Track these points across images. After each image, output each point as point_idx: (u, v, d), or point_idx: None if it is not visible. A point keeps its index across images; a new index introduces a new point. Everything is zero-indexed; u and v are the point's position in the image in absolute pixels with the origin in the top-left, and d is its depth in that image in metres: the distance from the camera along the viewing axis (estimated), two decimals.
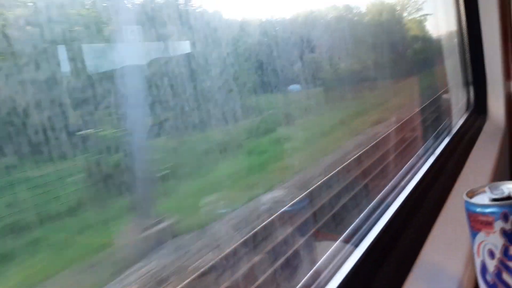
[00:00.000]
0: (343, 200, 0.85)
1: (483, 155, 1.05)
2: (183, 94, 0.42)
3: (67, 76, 0.36)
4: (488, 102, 1.40)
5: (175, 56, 0.43)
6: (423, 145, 1.09)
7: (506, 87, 1.44)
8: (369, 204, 0.74)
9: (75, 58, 0.35)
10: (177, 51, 0.43)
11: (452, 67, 1.47)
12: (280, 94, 0.67)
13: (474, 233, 0.54)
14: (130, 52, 0.36)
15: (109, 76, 0.35)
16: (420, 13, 1.71)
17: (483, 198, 0.54)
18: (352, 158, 1.05)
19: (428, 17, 1.74)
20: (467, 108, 1.43)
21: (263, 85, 0.60)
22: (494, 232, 0.50)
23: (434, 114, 1.49)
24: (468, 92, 1.44)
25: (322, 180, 0.86)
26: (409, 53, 1.60)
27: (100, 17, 0.36)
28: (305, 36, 0.68)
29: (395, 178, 0.84)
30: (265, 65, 0.59)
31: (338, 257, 0.61)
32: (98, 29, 0.35)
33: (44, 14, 0.34)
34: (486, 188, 0.56)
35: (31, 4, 0.34)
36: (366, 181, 1.02)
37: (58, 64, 0.35)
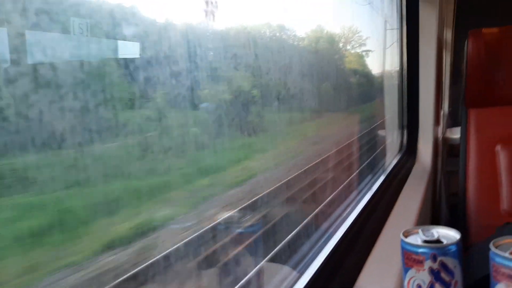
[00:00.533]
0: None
1: (412, 195, 1.17)
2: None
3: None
4: (418, 145, 1.56)
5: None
6: (361, 181, 1.18)
7: (435, 132, 1.61)
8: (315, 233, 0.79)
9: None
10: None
11: (391, 109, 1.61)
12: (188, 111, 0.55)
13: (406, 268, 0.61)
14: None
15: None
16: (363, 48, 1.74)
17: (416, 239, 0.61)
18: None
19: (370, 53, 1.80)
20: (400, 149, 1.57)
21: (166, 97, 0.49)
22: (423, 270, 0.58)
23: (372, 154, 1.60)
24: (402, 135, 1.58)
25: None
26: (348, 86, 1.64)
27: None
28: (230, 51, 0.62)
29: (338, 209, 0.91)
30: (174, 74, 0.49)
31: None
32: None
33: None
34: (419, 230, 0.63)
35: None
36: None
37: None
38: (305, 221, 0.87)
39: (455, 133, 2.28)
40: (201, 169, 0.61)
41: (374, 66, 1.81)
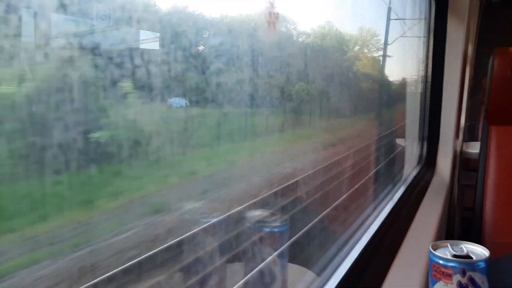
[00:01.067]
0: None
1: (431, 207, 1.17)
2: None
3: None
4: (438, 157, 1.56)
5: None
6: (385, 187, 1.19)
7: (454, 145, 1.61)
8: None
9: None
10: None
11: (413, 121, 1.62)
12: (155, 106, 0.47)
13: (434, 281, 0.62)
14: None
15: None
16: (380, 52, 1.64)
17: (445, 253, 0.62)
18: None
19: (390, 59, 1.69)
20: (419, 162, 1.57)
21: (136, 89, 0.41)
22: (452, 283, 0.59)
23: (394, 167, 1.60)
24: (422, 147, 1.59)
25: None
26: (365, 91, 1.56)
27: None
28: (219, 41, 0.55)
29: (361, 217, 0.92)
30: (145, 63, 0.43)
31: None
32: None
33: None
34: (448, 244, 0.64)
35: None
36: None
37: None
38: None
39: (472, 148, 2.27)
40: None
41: (394, 73, 1.77)
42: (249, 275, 0.66)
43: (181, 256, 0.56)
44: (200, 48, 0.51)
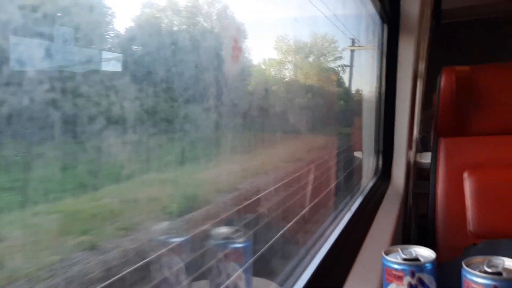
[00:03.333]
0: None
1: (387, 215, 1.24)
2: None
3: None
4: (392, 169, 1.66)
5: None
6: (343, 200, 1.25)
7: (407, 156, 1.71)
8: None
9: None
10: None
11: (369, 135, 1.71)
12: None
13: (386, 283, 0.67)
14: None
15: None
16: (339, 62, 1.60)
17: (396, 257, 0.68)
18: None
19: (347, 69, 1.67)
20: (375, 173, 1.66)
21: None
22: (403, 285, 0.64)
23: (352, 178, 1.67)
24: (378, 159, 1.68)
25: None
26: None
27: None
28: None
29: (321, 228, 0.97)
30: None
31: None
32: None
33: None
34: (399, 249, 0.70)
35: None
36: None
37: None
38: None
39: (425, 158, 2.41)
40: None
41: (353, 87, 1.79)
42: None
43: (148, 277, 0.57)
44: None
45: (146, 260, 0.61)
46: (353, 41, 1.66)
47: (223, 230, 0.75)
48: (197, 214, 0.70)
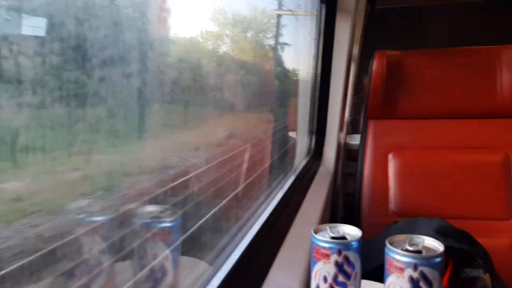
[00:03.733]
0: None
1: (317, 194, 1.28)
2: None
3: None
4: (324, 149, 1.70)
5: None
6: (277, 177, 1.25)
7: (338, 138, 1.77)
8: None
9: None
10: None
11: (304, 115, 1.73)
12: None
13: (314, 261, 0.68)
14: None
15: None
16: (279, 40, 1.53)
17: (325, 235, 0.69)
18: None
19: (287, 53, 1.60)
20: (308, 153, 1.69)
21: None
22: (330, 263, 0.65)
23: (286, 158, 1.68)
24: (311, 139, 1.71)
25: None
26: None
27: None
28: None
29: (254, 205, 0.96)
30: None
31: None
32: None
33: None
34: (327, 227, 0.71)
35: None
36: None
37: None
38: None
39: (354, 140, 2.52)
40: None
41: (290, 66, 1.76)
42: (139, 272, 0.65)
43: (63, 259, 0.51)
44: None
45: (62, 241, 0.55)
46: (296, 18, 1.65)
47: (151, 208, 0.71)
48: (121, 192, 0.65)
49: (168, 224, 0.70)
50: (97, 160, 0.50)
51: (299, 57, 1.80)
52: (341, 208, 1.93)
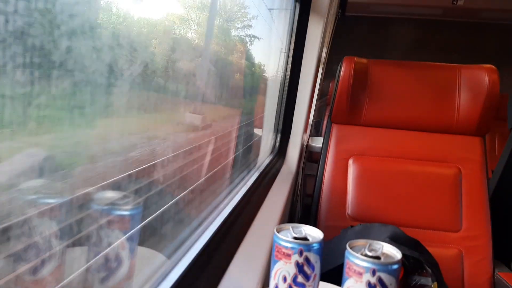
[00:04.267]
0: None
1: (279, 193, 1.28)
2: None
3: None
4: (288, 149, 1.71)
5: None
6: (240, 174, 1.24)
7: (302, 139, 1.79)
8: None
9: None
10: None
11: (270, 113, 1.73)
12: None
13: (275, 261, 0.68)
14: None
15: None
16: (248, 32, 1.44)
17: (287, 235, 0.68)
18: None
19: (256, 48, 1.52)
20: (272, 151, 1.70)
21: None
22: (290, 263, 0.65)
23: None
24: (276, 138, 1.72)
25: None
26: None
27: None
28: None
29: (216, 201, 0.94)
30: None
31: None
32: None
33: None
34: (290, 227, 0.71)
35: None
36: None
37: None
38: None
39: (316, 142, 2.57)
40: None
41: (260, 62, 1.74)
42: (92, 260, 0.61)
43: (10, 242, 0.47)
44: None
45: (8, 223, 0.51)
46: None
47: (109, 195, 0.68)
48: (80, 175, 0.61)
49: (128, 212, 0.68)
50: (54, 139, 0.46)
51: (270, 52, 1.78)
52: (299, 208, 1.96)
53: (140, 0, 0.61)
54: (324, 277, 0.91)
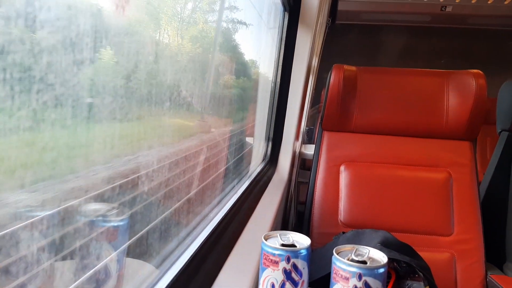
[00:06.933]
0: None
1: (270, 201, 1.28)
2: None
3: None
4: (280, 156, 1.72)
5: None
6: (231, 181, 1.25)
7: (294, 146, 1.79)
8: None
9: None
10: None
11: (261, 122, 1.74)
12: None
13: (263, 268, 0.68)
14: None
15: None
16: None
17: (275, 242, 0.69)
18: None
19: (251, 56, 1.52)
20: (264, 159, 1.70)
21: None
22: (278, 270, 0.65)
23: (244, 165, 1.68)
24: (267, 146, 1.72)
25: None
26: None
27: None
28: None
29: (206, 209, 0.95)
30: None
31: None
32: None
33: None
34: (278, 235, 0.71)
35: None
36: None
37: None
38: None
39: (309, 149, 2.58)
40: None
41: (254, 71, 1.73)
42: (81, 273, 0.61)
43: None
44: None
45: None
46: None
47: (97, 206, 0.68)
48: (66, 187, 0.61)
49: (114, 224, 0.68)
50: (40, 150, 0.46)
51: (260, 46, 1.73)
52: (293, 215, 1.96)
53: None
54: (316, 284, 0.91)
